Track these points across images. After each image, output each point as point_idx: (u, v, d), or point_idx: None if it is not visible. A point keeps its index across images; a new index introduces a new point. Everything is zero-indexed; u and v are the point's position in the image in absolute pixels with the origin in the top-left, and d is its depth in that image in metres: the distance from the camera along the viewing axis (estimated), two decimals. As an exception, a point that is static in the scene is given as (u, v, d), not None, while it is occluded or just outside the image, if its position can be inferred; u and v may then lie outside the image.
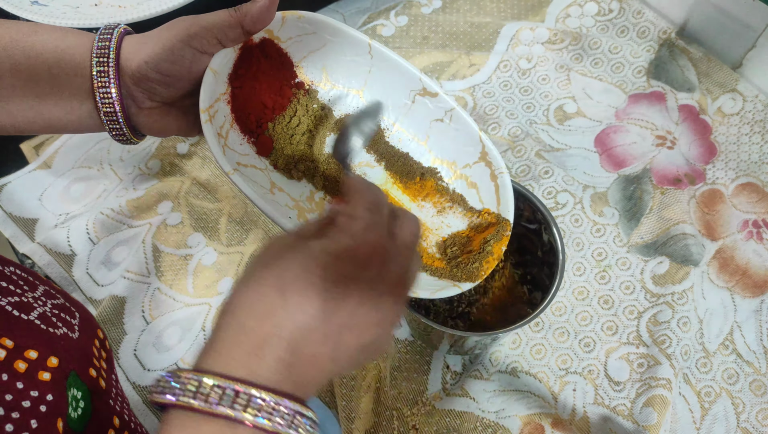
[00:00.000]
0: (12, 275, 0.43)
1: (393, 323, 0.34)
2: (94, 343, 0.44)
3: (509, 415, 0.58)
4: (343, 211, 0.35)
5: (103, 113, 0.44)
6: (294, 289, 0.30)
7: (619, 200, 0.70)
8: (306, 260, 0.31)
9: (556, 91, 0.78)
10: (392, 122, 0.53)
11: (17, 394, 0.35)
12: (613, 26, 0.81)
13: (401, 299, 0.34)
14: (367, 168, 0.53)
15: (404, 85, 0.52)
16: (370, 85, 0.52)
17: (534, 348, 0.62)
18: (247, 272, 0.32)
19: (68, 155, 0.73)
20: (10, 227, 0.68)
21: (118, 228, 0.68)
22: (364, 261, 0.32)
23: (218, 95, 0.45)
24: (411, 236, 0.36)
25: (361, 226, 0.33)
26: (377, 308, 0.32)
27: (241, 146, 0.47)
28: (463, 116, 0.52)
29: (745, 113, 0.74)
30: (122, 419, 0.43)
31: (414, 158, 0.53)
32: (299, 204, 0.48)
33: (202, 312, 0.64)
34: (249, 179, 0.45)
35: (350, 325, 0.31)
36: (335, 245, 0.32)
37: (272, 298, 0.30)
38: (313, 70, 0.51)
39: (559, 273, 0.54)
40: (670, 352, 0.60)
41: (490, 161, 0.52)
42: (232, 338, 0.30)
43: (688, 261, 0.65)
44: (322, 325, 0.30)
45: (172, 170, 0.72)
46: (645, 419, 0.58)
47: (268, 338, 0.30)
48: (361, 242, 0.33)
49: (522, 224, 0.60)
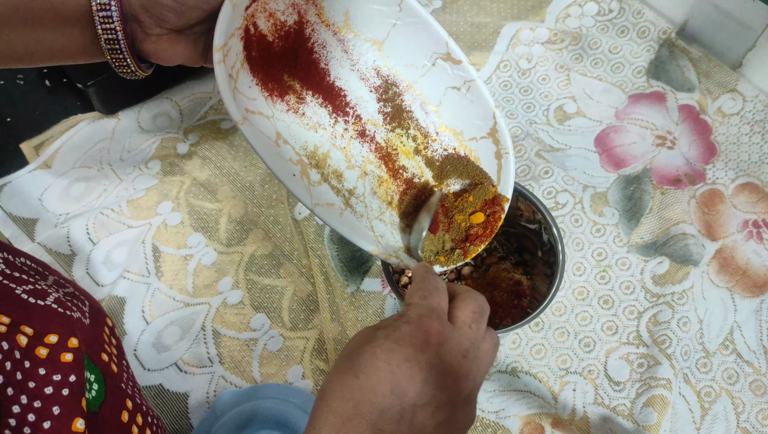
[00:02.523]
0: (23, 265, 0.43)
1: (465, 400, 0.37)
2: (104, 330, 0.45)
3: (509, 415, 0.58)
4: (405, 301, 0.39)
5: (104, 39, 0.42)
6: (365, 373, 0.34)
7: (619, 200, 0.70)
8: (373, 347, 0.35)
9: (556, 91, 0.78)
10: (408, 83, 0.52)
11: (40, 381, 0.36)
12: (613, 26, 0.81)
13: (470, 376, 0.37)
14: (372, 126, 0.52)
15: (428, 46, 0.50)
16: (391, 39, 0.50)
17: (534, 348, 0.62)
18: (335, 363, 0.38)
19: (68, 155, 0.73)
20: (10, 227, 0.68)
21: (118, 228, 0.68)
22: (421, 344, 0.35)
23: (233, 30, 0.43)
24: (471, 313, 0.38)
25: (416, 313, 0.37)
26: (443, 387, 0.35)
27: (249, 89, 0.46)
28: (481, 88, 0.51)
29: (745, 112, 0.74)
30: (134, 402, 0.44)
31: (421, 123, 0.53)
32: (302, 159, 0.47)
33: (202, 312, 0.64)
34: (257, 130, 0.44)
35: (422, 404, 0.35)
36: (395, 333, 0.36)
37: (350, 382, 0.35)
38: (334, 12, 0.49)
39: (559, 273, 0.54)
40: (670, 352, 0.60)
41: (498, 139, 0.51)
42: (321, 418, 0.34)
43: (688, 261, 0.66)
44: (395, 405, 0.34)
45: (172, 170, 0.72)
46: (645, 419, 0.58)
47: (351, 417, 0.34)
48: (416, 327, 0.36)
49: (522, 224, 0.60)
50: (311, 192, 0.46)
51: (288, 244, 0.68)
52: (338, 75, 0.51)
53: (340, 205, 0.48)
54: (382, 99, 0.52)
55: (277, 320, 0.64)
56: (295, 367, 0.62)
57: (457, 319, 0.38)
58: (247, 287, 0.66)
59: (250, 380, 0.61)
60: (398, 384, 0.34)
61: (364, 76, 0.52)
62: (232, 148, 0.73)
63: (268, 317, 0.64)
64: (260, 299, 0.65)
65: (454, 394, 0.36)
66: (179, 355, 0.62)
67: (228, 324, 0.64)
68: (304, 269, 0.67)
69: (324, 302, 0.64)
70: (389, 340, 0.35)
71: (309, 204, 0.44)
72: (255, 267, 0.67)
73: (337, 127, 0.51)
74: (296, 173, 0.45)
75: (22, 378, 0.36)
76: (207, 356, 0.62)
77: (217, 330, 0.63)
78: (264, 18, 0.46)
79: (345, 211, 0.48)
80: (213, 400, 0.59)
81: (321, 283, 0.65)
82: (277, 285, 0.66)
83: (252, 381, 0.61)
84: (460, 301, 0.39)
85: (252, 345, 0.63)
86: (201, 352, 0.62)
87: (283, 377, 0.62)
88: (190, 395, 0.61)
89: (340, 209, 0.48)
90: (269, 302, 0.65)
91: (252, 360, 0.62)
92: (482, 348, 0.39)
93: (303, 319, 0.64)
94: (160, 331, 0.63)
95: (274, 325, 0.64)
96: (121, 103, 0.76)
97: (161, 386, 0.61)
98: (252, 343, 0.63)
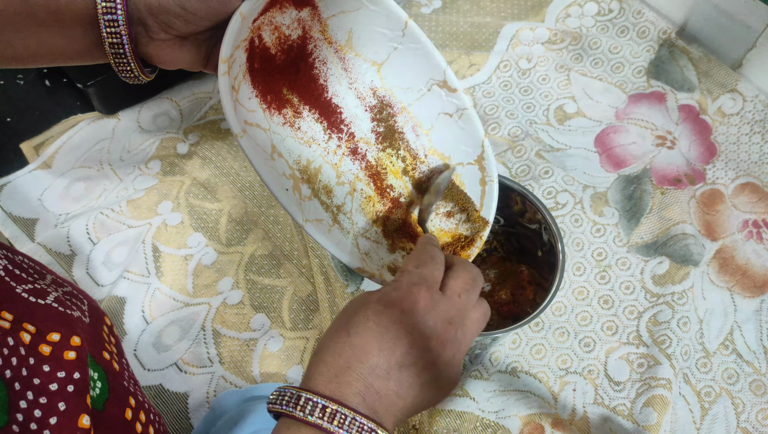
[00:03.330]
0: (22, 263, 0.43)
1: (449, 362, 0.39)
2: (103, 329, 0.45)
3: (509, 415, 0.58)
4: (401, 268, 0.42)
5: (108, 43, 0.42)
6: (356, 331, 0.37)
7: (619, 200, 0.70)
8: (365, 309, 0.38)
9: (556, 91, 0.78)
10: (403, 105, 0.53)
11: (44, 377, 0.36)
12: (613, 26, 0.81)
13: (454, 341, 0.39)
14: (364, 144, 0.53)
15: (426, 72, 0.51)
16: (391, 62, 0.51)
17: (534, 348, 0.62)
18: (332, 322, 0.40)
19: (68, 155, 0.73)
20: (10, 227, 0.68)
21: (118, 228, 0.68)
22: (409, 309, 0.38)
23: (239, 42, 0.43)
24: (463, 283, 0.41)
25: (407, 280, 0.40)
26: (428, 349, 0.38)
27: (249, 100, 0.46)
28: (473, 117, 0.52)
29: (745, 112, 0.74)
30: (137, 399, 0.44)
31: (411, 145, 0.54)
32: (294, 174, 0.48)
33: (201, 312, 0.64)
34: (254, 143, 0.45)
35: (407, 364, 0.37)
36: (385, 297, 0.39)
37: (343, 339, 0.37)
38: (338, 31, 0.50)
39: (559, 273, 0.54)
40: (670, 352, 0.60)
41: (484, 167, 0.53)
42: (315, 370, 0.37)
43: (688, 261, 0.66)
44: (382, 363, 0.37)
45: (172, 170, 0.72)
46: (645, 419, 0.58)
47: (342, 370, 0.36)
48: (406, 293, 0.39)
49: (522, 224, 0.61)
50: (302, 207, 0.47)
51: (288, 244, 0.68)
52: (336, 92, 0.52)
53: (328, 221, 0.49)
54: (376, 119, 0.53)
55: (277, 320, 0.64)
56: (295, 367, 0.62)
57: (449, 288, 0.41)
58: (247, 287, 0.66)
59: (250, 380, 0.61)
60: (386, 343, 0.37)
61: (361, 95, 0.53)
62: (232, 148, 0.73)
63: (268, 318, 0.64)
64: (260, 299, 0.65)
65: (437, 356, 0.38)
66: (179, 355, 0.62)
67: (228, 324, 0.64)
68: (304, 269, 0.67)
69: (324, 302, 0.64)
70: (380, 304, 0.38)
71: (300, 220, 0.46)
72: (255, 267, 0.67)
73: (331, 143, 0.52)
74: (289, 187, 0.46)
75: (27, 374, 0.36)
76: (207, 356, 0.62)
77: (217, 330, 0.63)
78: (269, 31, 0.47)
79: (333, 227, 0.49)
80: (213, 400, 0.59)
81: (321, 283, 0.65)
82: (277, 285, 0.66)
83: (252, 381, 0.61)
84: (454, 271, 0.42)
85: (252, 345, 0.63)
86: (201, 352, 0.62)
87: (283, 377, 0.62)
88: (190, 395, 0.61)
89: (329, 225, 0.49)
90: (269, 302, 0.65)
91: (252, 360, 0.62)
92: (471, 316, 0.41)
93: (303, 319, 0.64)
94: (160, 331, 0.63)
95: (274, 325, 0.64)
96: (121, 104, 0.76)
97: (161, 386, 0.61)
98: (252, 343, 0.63)
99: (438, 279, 0.41)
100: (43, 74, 0.79)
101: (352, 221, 0.51)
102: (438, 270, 0.41)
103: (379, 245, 0.52)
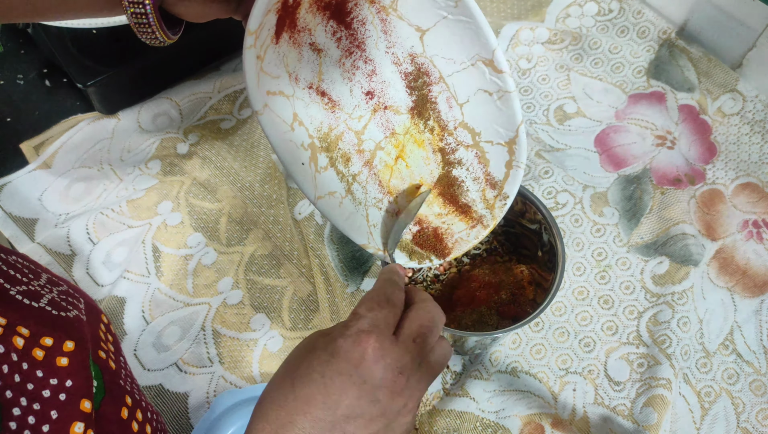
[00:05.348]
0: (16, 263, 0.43)
1: (400, 412, 0.37)
2: (99, 327, 0.45)
3: (509, 415, 0.58)
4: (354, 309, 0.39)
5: (131, 13, 0.40)
6: (301, 383, 0.36)
7: (619, 200, 0.70)
8: (311, 358, 0.36)
9: (556, 91, 0.78)
10: (441, 75, 0.50)
11: (38, 383, 0.36)
12: (613, 26, 0.81)
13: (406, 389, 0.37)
14: (392, 112, 0.51)
15: (473, 48, 0.48)
16: (437, 30, 0.48)
17: (534, 348, 0.62)
18: (278, 369, 0.38)
19: (68, 155, 0.73)
20: (10, 227, 0.68)
21: (118, 228, 0.68)
22: (356, 359, 0.36)
23: (271, 6, 0.41)
24: (418, 328, 0.38)
25: (356, 327, 0.37)
26: (376, 401, 0.36)
27: (276, 67, 0.44)
28: (514, 101, 0.49)
29: (745, 112, 0.74)
30: (134, 398, 0.44)
31: (442, 116, 0.52)
32: (313, 143, 0.47)
33: (201, 312, 0.64)
34: (274, 116, 0.44)
35: (354, 416, 0.36)
36: (332, 344, 0.36)
37: (286, 390, 0.36)
38: None
39: (559, 273, 0.54)
40: (670, 352, 0.60)
41: (514, 150, 0.50)
42: (257, 425, 0.36)
43: (688, 261, 0.65)
44: (328, 415, 0.35)
45: (172, 170, 0.72)
46: (645, 419, 0.58)
47: (284, 425, 0.35)
48: (353, 342, 0.36)
49: (522, 224, 0.61)
50: (316, 181, 0.46)
51: (288, 244, 0.68)
52: (370, 55, 0.49)
53: (341, 192, 0.48)
54: (410, 86, 0.51)
55: (277, 320, 0.64)
56: (295, 367, 0.62)
57: (403, 333, 0.38)
58: (247, 287, 0.66)
59: (250, 380, 0.61)
60: (330, 396, 0.35)
61: (398, 61, 0.50)
62: (232, 148, 0.73)
63: (268, 318, 0.64)
64: (260, 299, 0.65)
65: (386, 407, 0.36)
66: (179, 355, 0.62)
67: (228, 324, 0.64)
68: (304, 269, 0.67)
69: (324, 302, 0.64)
70: (326, 352, 0.36)
71: (312, 196, 0.44)
72: (255, 267, 0.67)
73: (357, 109, 0.50)
74: (305, 160, 0.45)
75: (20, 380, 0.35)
76: (207, 356, 0.62)
77: (217, 330, 0.63)
78: None
79: (345, 199, 0.48)
80: (213, 400, 0.59)
81: (321, 283, 0.65)
82: (277, 285, 0.66)
83: (252, 381, 0.61)
84: (413, 312, 0.39)
85: (252, 345, 0.63)
86: (201, 352, 0.62)
87: (283, 377, 0.62)
88: (190, 395, 0.61)
89: (341, 197, 0.48)
90: (269, 302, 0.65)
91: (252, 360, 0.62)
92: (428, 360, 0.39)
93: (303, 319, 0.64)
94: (160, 331, 0.63)
95: (274, 325, 0.64)
96: (121, 103, 0.76)
97: (161, 386, 0.61)
98: (252, 343, 0.63)
99: (392, 324, 0.38)
100: (43, 74, 0.79)
101: (365, 190, 0.50)
102: (393, 314, 0.39)
103: (390, 215, 0.52)
